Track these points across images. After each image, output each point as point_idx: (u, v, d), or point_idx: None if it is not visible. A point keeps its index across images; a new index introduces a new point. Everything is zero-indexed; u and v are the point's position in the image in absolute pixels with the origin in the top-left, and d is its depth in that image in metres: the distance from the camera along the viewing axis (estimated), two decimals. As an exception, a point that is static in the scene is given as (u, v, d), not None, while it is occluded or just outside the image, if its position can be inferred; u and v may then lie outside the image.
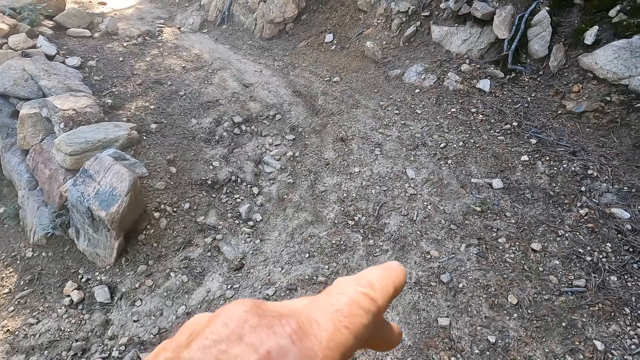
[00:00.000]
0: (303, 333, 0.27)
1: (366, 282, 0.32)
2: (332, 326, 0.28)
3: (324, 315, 0.29)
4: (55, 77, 4.67)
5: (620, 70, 4.01)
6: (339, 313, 0.29)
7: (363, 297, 0.31)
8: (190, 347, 0.27)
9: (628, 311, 2.78)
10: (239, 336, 0.27)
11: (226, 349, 0.26)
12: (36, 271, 3.60)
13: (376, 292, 0.32)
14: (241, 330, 0.27)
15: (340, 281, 0.33)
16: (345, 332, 0.28)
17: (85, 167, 3.56)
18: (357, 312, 0.30)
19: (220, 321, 0.28)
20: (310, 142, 4.56)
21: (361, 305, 0.30)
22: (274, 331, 0.27)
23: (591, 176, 3.68)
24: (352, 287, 0.31)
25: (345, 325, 0.29)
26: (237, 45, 6.85)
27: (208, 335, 0.27)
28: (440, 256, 3.26)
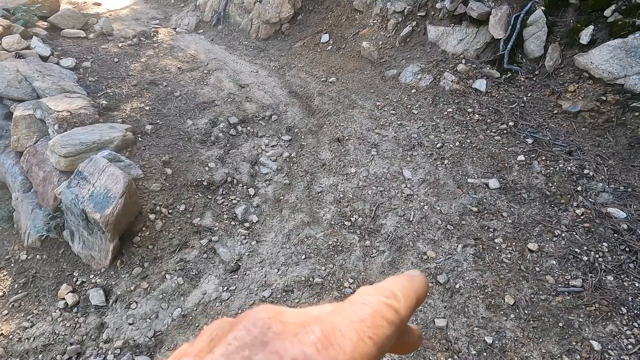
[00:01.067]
0: (327, 342, 0.27)
1: (389, 292, 0.32)
2: (356, 336, 0.28)
3: (348, 324, 0.29)
4: (50, 79, 4.63)
5: (616, 70, 4.02)
6: (362, 323, 0.29)
7: (387, 307, 0.31)
8: (213, 353, 0.27)
9: (625, 311, 2.78)
10: (263, 343, 0.26)
11: (249, 355, 0.26)
12: (30, 274, 3.57)
13: (399, 303, 0.32)
14: (265, 336, 0.27)
15: (363, 291, 0.32)
16: (369, 343, 0.28)
17: (79, 169, 3.54)
18: (381, 323, 0.30)
19: (243, 327, 0.28)
20: (306, 143, 4.54)
21: (385, 317, 0.30)
22: (298, 339, 0.27)
23: (587, 176, 3.69)
24: (376, 298, 0.31)
25: (369, 336, 0.28)
26: (233, 46, 6.83)
27: (231, 341, 0.27)
28: (437, 257, 3.26)
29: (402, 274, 0.36)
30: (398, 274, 0.38)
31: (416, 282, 0.35)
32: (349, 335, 0.28)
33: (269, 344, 0.26)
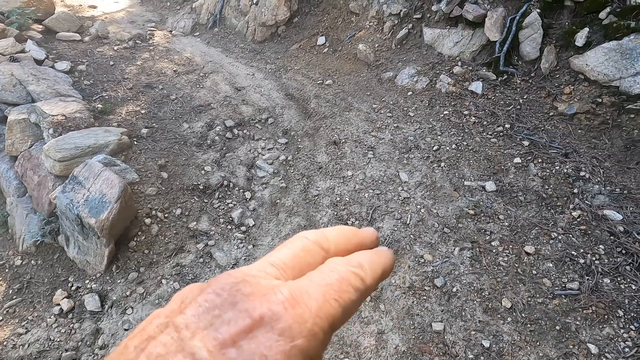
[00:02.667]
0: (295, 301, 0.28)
1: (357, 262, 0.34)
2: (322, 298, 0.29)
3: (315, 288, 0.30)
4: (44, 82, 4.61)
5: (611, 72, 4.03)
6: (329, 287, 0.30)
7: (353, 275, 0.32)
8: (184, 313, 0.28)
9: (621, 314, 2.78)
10: (232, 303, 0.28)
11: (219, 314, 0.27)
12: (25, 280, 3.54)
13: (366, 273, 0.33)
14: (234, 298, 0.28)
15: (332, 260, 0.34)
16: (335, 305, 0.30)
17: (74, 173, 3.52)
18: (347, 288, 0.31)
19: (212, 290, 0.29)
20: (302, 146, 4.54)
21: (351, 283, 0.32)
22: (267, 298, 0.28)
23: (583, 178, 3.69)
24: (344, 266, 0.33)
25: (335, 298, 0.30)
26: (229, 49, 6.82)
27: (201, 302, 0.28)
28: (433, 260, 3.25)
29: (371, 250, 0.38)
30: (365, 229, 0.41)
31: (383, 256, 0.37)
32: (316, 297, 0.29)
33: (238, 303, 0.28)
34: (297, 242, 0.35)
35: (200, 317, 0.27)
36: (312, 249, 0.35)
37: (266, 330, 0.27)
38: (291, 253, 0.34)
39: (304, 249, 0.34)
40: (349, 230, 0.39)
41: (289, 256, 0.33)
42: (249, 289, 0.29)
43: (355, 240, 0.38)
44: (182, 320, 0.27)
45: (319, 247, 0.35)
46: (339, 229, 0.38)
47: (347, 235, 0.38)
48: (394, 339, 2.77)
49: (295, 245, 0.35)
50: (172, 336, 0.26)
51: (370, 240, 0.39)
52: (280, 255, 0.33)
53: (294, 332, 0.27)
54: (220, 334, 0.26)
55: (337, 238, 0.37)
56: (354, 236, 0.38)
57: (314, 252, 0.34)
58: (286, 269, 0.32)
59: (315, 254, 0.34)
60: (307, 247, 0.34)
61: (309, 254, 0.34)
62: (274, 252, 0.34)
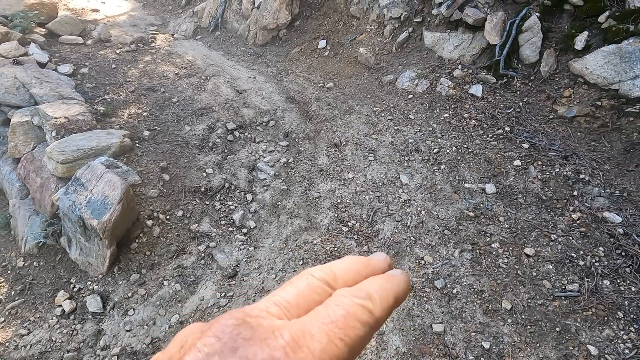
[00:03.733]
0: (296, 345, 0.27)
1: (364, 293, 0.32)
2: (326, 338, 0.28)
3: (319, 327, 0.29)
4: (47, 85, 4.64)
5: (610, 75, 4.05)
6: (334, 325, 0.29)
7: (360, 309, 0.31)
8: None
9: (621, 315, 2.79)
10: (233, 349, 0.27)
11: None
12: (27, 281, 3.56)
13: (375, 304, 0.31)
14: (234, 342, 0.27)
15: (339, 293, 0.32)
16: (340, 344, 0.28)
17: (77, 175, 3.54)
18: (354, 324, 0.29)
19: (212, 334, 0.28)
20: (304, 148, 4.56)
21: (358, 318, 0.30)
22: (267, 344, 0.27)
23: (583, 180, 3.71)
24: (350, 299, 0.31)
25: (340, 338, 0.28)
26: (230, 52, 6.86)
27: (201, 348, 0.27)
28: (434, 262, 3.27)
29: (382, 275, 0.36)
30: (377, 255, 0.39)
31: (395, 282, 0.35)
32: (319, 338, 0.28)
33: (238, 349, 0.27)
34: (303, 279, 0.34)
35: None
36: (318, 286, 0.33)
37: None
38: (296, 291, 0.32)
39: (309, 287, 0.33)
40: (358, 263, 0.37)
41: (293, 294, 0.32)
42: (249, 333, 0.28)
43: (365, 272, 0.36)
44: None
45: (326, 284, 0.33)
46: (348, 262, 0.36)
47: (357, 269, 0.36)
48: (394, 341, 2.78)
49: (301, 283, 0.33)
50: None
51: (381, 268, 0.37)
52: (284, 294, 0.32)
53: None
54: None
55: (345, 274, 0.35)
56: (364, 268, 0.36)
57: (320, 290, 0.33)
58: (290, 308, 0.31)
59: (321, 292, 0.33)
60: (312, 285, 0.33)
61: (314, 291, 0.33)
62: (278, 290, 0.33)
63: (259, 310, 0.30)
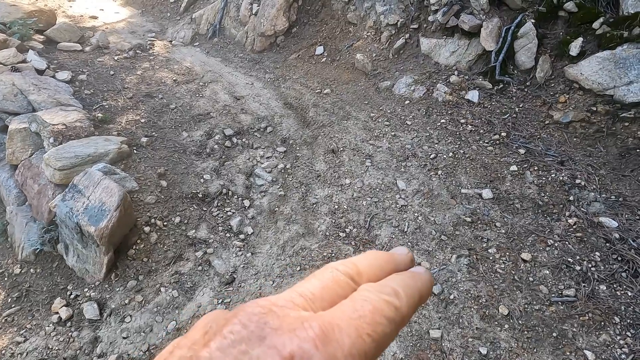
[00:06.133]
0: (326, 338, 0.27)
1: (391, 290, 0.32)
2: (355, 333, 0.28)
3: (347, 321, 0.28)
4: (45, 92, 4.65)
5: (605, 81, 4.09)
6: (362, 320, 0.29)
7: (387, 305, 0.30)
8: (209, 347, 0.26)
9: (617, 320, 2.80)
10: (260, 337, 0.26)
11: (247, 349, 0.26)
12: (24, 288, 3.55)
13: (401, 301, 0.31)
14: (262, 331, 0.27)
15: (364, 288, 0.32)
16: (368, 340, 0.28)
17: (74, 182, 3.54)
18: (381, 320, 0.29)
19: (239, 321, 0.27)
20: (301, 154, 4.57)
21: (385, 314, 0.30)
22: (296, 334, 0.26)
23: (579, 185, 3.73)
24: (377, 295, 0.31)
25: (368, 333, 0.28)
26: (228, 58, 6.89)
27: (227, 334, 0.27)
28: (431, 267, 3.27)
29: (407, 272, 0.36)
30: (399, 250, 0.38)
31: (420, 280, 0.34)
32: (348, 332, 0.28)
33: (266, 338, 0.26)
34: (327, 273, 0.33)
35: (226, 352, 0.26)
36: (342, 280, 0.33)
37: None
38: (320, 284, 0.32)
39: (333, 280, 0.32)
40: (381, 258, 0.36)
41: (317, 287, 0.32)
42: (277, 322, 0.27)
43: (388, 267, 0.36)
44: (206, 355, 0.26)
45: (350, 279, 0.33)
46: (371, 257, 0.36)
47: (380, 264, 0.36)
48: (391, 347, 2.78)
49: (325, 276, 0.33)
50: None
51: (404, 263, 0.37)
52: (308, 286, 0.32)
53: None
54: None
55: (369, 269, 0.35)
56: (387, 264, 0.36)
57: (344, 284, 0.33)
58: (315, 300, 0.31)
59: (345, 286, 0.32)
60: (337, 279, 0.33)
61: (339, 285, 0.32)
62: (302, 282, 0.32)
63: (285, 300, 0.30)
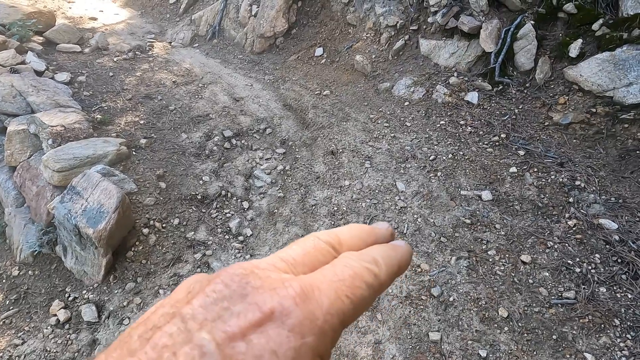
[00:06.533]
0: (306, 297, 0.28)
1: (371, 258, 0.33)
2: (334, 294, 0.29)
3: (328, 284, 0.29)
4: (44, 93, 4.65)
5: (605, 83, 4.08)
6: (341, 283, 0.30)
7: (367, 271, 0.32)
8: (192, 304, 0.27)
9: (618, 323, 2.79)
10: (242, 295, 0.27)
11: (228, 306, 0.26)
12: (22, 290, 3.54)
13: (380, 269, 0.32)
14: (243, 290, 0.27)
15: (346, 255, 0.33)
16: (347, 302, 0.29)
17: (73, 183, 3.53)
18: (360, 284, 0.30)
19: (221, 281, 0.28)
20: (300, 156, 4.57)
21: (364, 279, 0.31)
22: (277, 292, 0.27)
23: (579, 187, 3.72)
24: (357, 262, 0.32)
25: (347, 295, 0.29)
26: (227, 60, 6.88)
27: (209, 293, 0.27)
28: (430, 269, 3.26)
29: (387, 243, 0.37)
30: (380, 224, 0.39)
31: (399, 252, 0.36)
32: (327, 293, 0.29)
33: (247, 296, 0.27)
34: (309, 241, 0.34)
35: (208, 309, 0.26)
36: (324, 247, 0.34)
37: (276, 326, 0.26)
38: (302, 250, 0.33)
39: (315, 247, 0.33)
40: (362, 230, 0.37)
41: (299, 253, 0.33)
42: (258, 282, 0.28)
43: (369, 240, 0.37)
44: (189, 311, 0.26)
45: (331, 247, 0.34)
46: (352, 228, 0.37)
47: (361, 236, 0.37)
48: (391, 349, 2.77)
49: (307, 243, 0.34)
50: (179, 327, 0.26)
51: (384, 236, 0.38)
52: (290, 252, 0.33)
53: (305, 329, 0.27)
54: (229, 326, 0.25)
55: (350, 239, 0.36)
56: (368, 236, 0.37)
57: (326, 252, 0.34)
58: (296, 264, 0.32)
59: (326, 253, 0.33)
60: (318, 246, 0.34)
61: (320, 252, 0.33)
62: (284, 249, 0.33)
63: (267, 264, 0.31)
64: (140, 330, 0.26)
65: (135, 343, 0.26)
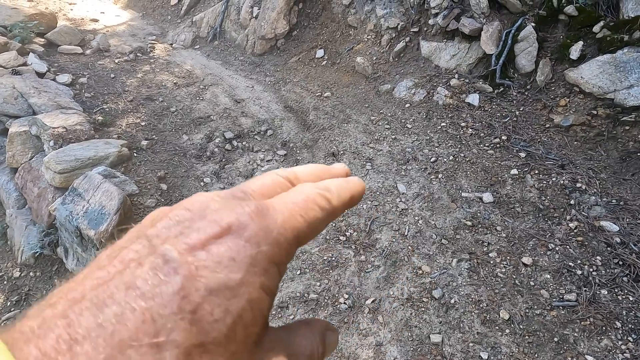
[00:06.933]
0: (261, 213, 0.30)
1: (324, 186, 0.35)
2: (288, 212, 0.31)
3: (282, 204, 0.32)
4: (46, 95, 4.66)
5: (606, 85, 4.08)
6: (295, 205, 0.32)
7: (319, 196, 0.34)
8: (156, 226, 0.29)
9: (619, 325, 2.78)
10: (202, 216, 0.29)
11: (190, 225, 0.29)
12: (23, 292, 3.54)
13: (332, 195, 0.34)
14: (203, 212, 0.29)
15: (301, 184, 0.35)
16: (300, 219, 0.31)
17: (74, 185, 3.54)
18: (313, 207, 0.33)
19: (183, 206, 0.30)
20: (301, 158, 4.57)
21: (317, 202, 0.33)
22: (234, 211, 0.29)
23: (580, 189, 3.72)
24: (310, 188, 0.34)
25: (301, 214, 0.32)
26: (228, 61, 6.89)
27: (172, 217, 0.30)
28: (431, 271, 3.26)
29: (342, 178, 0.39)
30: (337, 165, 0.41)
31: (352, 183, 0.38)
32: (281, 211, 0.31)
33: (207, 216, 0.29)
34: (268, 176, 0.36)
35: (170, 229, 0.29)
36: (282, 182, 0.36)
37: (234, 237, 0.28)
38: (261, 183, 0.35)
39: (273, 182, 0.35)
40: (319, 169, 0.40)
41: (258, 185, 0.35)
42: (217, 205, 0.30)
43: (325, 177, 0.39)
44: (153, 232, 0.29)
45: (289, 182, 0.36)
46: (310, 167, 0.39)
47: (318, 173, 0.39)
48: (392, 351, 2.77)
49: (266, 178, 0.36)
50: (144, 244, 0.28)
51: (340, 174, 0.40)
52: (250, 184, 0.35)
53: (260, 239, 0.29)
54: (190, 239, 0.28)
55: (307, 176, 0.38)
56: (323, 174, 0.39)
57: (283, 185, 0.36)
58: (255, 195, 0.33)
59: (284, 187, 0.35)
60: (277, 180, 0.36)
61: (278, 185, 0.35)
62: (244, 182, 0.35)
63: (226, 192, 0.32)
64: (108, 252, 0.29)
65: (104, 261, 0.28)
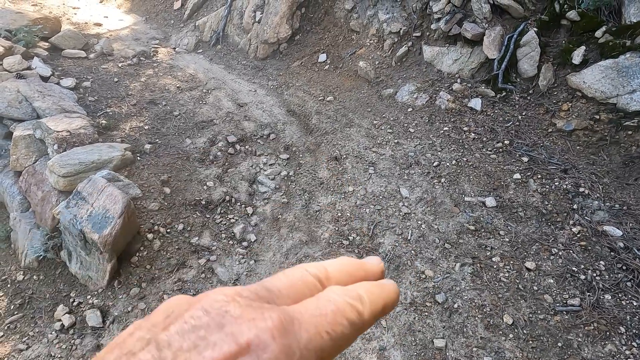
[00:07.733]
0: (284, 330, 0.27)
1: (356, 294, 0.32)
2: (314, 329, 0.28)
3: (308, 317, 0.29)
4: (50, 99, 4.68)
5: (608, 89, 4.09)
6: (322, 318, 0.29)
7: (350, 308, 0.31)
8: (169, 330, 0.27)
9: (623, 330, 2.78)
10: (220, 324, 0.27)
11: (205, 335, 0.26)
12: (27, 295, 3.55)
13: (364, 307, 0.32)
14: (222, 319, 0.27)
15: (331, 289, 0.32)
16: (326, 338, 0.29)
17: (78, 189, 3.55)
18: (341, 321, 0.30)
19: (201, 307, 0.28)
20: (304, 162, 4.58)
21: (347, 316, 0.30)
22: (255, 324, 0.27)
23: (583, 194, 3.72)
24: (342, 297, 0.31)
25: (327, 331, 0.29)
26: (231, 65, 6.92)
27: (187, 319, 0.27)
28: (435, 276, 3.26)
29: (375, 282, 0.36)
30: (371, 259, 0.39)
31: (386, 291, 0.35)
32: (306, 327, 0.28)
33: (225, 326, 0.27)
34: (297, 272, 0.34)
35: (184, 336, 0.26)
36: (310, 280, 0.33)
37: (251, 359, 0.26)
38: (288, 281, 0.32)
39: (302, 280, 0.33)
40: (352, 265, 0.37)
41: (285, 284, 0.32)
42: (238, 311, 0.27)
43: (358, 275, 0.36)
44: (165, 338, 0.26)
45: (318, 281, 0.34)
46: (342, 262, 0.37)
47: (350, 271, 0.36)
48: (395, 356, 2.77)
49: (294, 274, 0.33)
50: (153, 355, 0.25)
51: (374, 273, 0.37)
52: (275, 281, 0.32)
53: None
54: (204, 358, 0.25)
55: (338, 273, 0.35)
56: (357, 270, 0.36)
57: (312, 285, 0.33)
58: (280, 296, 0.31)
59: (312, 287, 0.33)
60: (305, 279, 0.33)
61: (306, 285, 0.33)
62: (271, 277, 0.33)
63: (249, 291, 0.30)
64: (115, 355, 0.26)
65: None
